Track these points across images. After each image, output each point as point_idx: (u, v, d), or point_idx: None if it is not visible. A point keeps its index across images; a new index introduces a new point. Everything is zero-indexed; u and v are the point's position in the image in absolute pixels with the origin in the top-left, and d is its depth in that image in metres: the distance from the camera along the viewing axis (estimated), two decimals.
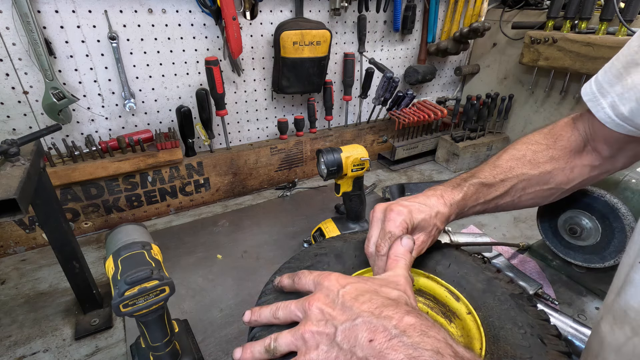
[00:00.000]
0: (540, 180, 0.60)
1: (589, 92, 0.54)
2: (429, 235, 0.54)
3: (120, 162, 1.00)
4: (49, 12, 0.87)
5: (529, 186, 0.60)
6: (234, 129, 1.27)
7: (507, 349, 0.43)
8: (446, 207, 0.56)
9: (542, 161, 0.60)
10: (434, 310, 0.55)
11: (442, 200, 0.57)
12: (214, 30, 1.08)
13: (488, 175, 0.60)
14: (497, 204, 0.60)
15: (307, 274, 0.44)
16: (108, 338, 0.74)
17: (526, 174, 0.59)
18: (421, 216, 0.53)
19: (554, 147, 0.60)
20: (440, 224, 0.55)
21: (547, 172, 0.60)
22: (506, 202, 0.61)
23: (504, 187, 0.59)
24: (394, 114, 1.40)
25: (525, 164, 0.60)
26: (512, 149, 0.63)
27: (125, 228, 0.57)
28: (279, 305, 0.42)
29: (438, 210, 0.55)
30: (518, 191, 0.60)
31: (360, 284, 0.40)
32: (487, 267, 0.57)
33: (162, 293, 0.48)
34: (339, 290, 0.38)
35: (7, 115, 0.91)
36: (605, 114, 0.51)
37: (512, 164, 0.60)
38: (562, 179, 0.61)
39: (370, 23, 1.34)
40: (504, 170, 0.60)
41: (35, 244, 1.00)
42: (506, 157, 0.61)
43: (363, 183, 0.93)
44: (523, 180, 0.59)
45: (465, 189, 0.58)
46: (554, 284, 0.86)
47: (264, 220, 1.13)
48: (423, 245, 0.54)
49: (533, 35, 1.26)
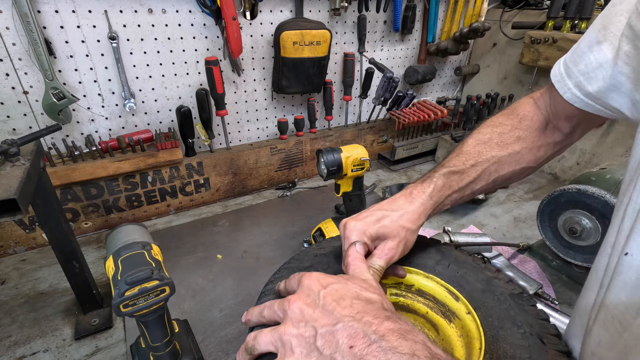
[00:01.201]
0: (510, 161, 0.60)
1: (557, 74, 0.54)
2: (398, 240, 0.52)
3: (120, 162, 1.00)
4: (49, 12, 0.87)
5: (500, 168, 0.60)
6: (234, 129, 1.27)
7: (507, 348, 0.43)
8: (414, 204, 0.55)
9: (510, 142, 0.60)
10: (433, 310, 0.55)
11: (410, 198, 0.56)
12: (214, 30, 1.08)
13: (457, 163, 0.59)
14: (473, 189, 0.60)
15: (296, 275, 0.43)
16: (108, 338, 0.74)
17: (496, 156, 0.59)
18: (377, 225, 0.52)
19: (519, 127, 0.61)
20: (412, 224, 0.53)
21: (516, 152, 0.60)
22: (481, 187, 0.61)
23: (475, 171, 0.59)
24: (394, 114, 1.40)
25: (493, 147, 0.60)
26: (477, 133, 0.63)
27: (125, 228, 0.57)
28: (266, 304, 0.42)
29: (404, 211, 0.54)
30: (492, 174, 0.60)
31: (341, 284, 0.39)
32: (486, 267, 0.57)
33: (162, 293, 0.48)
34: (319, 291, 0.38)
35: (7, 115, 0.91)
36: (573, 94, 0.51)
37: (479, 148, 0.60)
38: (531, 157, 0.61)
39: (370, 23, 1.34)
40: (472, 155, 0.60)
41: (35, 244, 1.00)
42: (472, 143, 0.61)
43: (363, 183, 0.93)
44: (494, 163, 0.59)
45: (435, 180, 0.57)
46: (554, 284, 0.86)
47: (264, 220, 1.13)
48: (391, 252, 0.51)
49: (533, 35, 1.26)
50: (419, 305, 0.57)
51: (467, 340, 0.49)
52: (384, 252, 0.51)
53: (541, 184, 1.36)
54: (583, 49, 0.50)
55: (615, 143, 1.21)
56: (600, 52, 0.47)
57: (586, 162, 1.30)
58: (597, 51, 0.47)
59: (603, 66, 0.46)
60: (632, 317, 0.36)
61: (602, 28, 0.47)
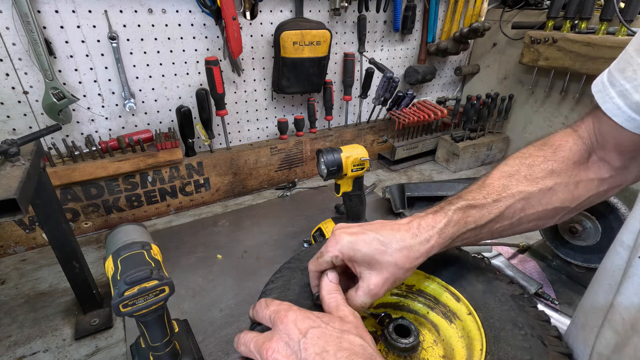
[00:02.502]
0: (541, 199, 0.50)
1: (598, 84, 0.46)
2: (385, 277, 0.45)
3: (120, 162, 1.00)
4: (49, 12, 0.87)
5: (528, 206, 0.50)
6: (234, 129, 1.27)
7: (508, 349, 0.43)
8: (418, 238, 0.47)
9: (541, 176, 0.50)
10: (434, 311, 0.55)
11: (415, 231, 0.47)
12: (214, 30, 1.08)
13: (477, 196, 0.50)
14: (492, 229, 0.51)
15: (264, 306, 0.41)
16: (108, 338, 0.74)
17: (523, 192, 0.49)
18: (365, 250, 0.45)
19: (553, 159, 0.51)
20: (408, 263, 0.46)
21: (548, 189, 0.50)
22: (503, 227, 0.51)
23: (497, 208, 0.49)
24: (394, 114, 1.40)
25: (521, 181, 0.50)
26: (504, 164, 0.54)
27: (125, 228, 0.57)
28: (242, 336, 0.40)
29: (403, 246, 0.46)
30: (517, 212, 0.50)
31: (320, 329, 0.37)
32: (487, 268, 0.57)
33: (161, 293, 0.48)
34: (300, 340, 0.35)
35: (7, 115, 0.91)
36: (614, 104, 0.43)
37: (504, 181, 0.51)
38: (566, 196, 0.50)
39: (370, 23, 1.34)
40: (495, 189, 0.50)
41: (35, 244, 1.00)
42: (497, 175, 0.52)
43: (363, 183, 0.93)
44: (521, 200, 0.49)
45: (450, 214, 0.48)
46: (554, 284, 0.86)
47: (264, 220, 1.13)
48: (376, 289, 0.45)
49: (533, 35, 1.26)
50: (420, 306, 0.57)
51: (468, 341, 0.49)
52: (369, 289, 0.45)
53: None
54: (631, 54, 0.43)
55: None
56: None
57: None
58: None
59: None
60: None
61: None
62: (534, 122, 1.44)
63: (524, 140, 1.49)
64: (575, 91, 1.25)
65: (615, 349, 0.39)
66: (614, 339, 0.39)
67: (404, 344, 0.47)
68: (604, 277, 0.43)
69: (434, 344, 0.53)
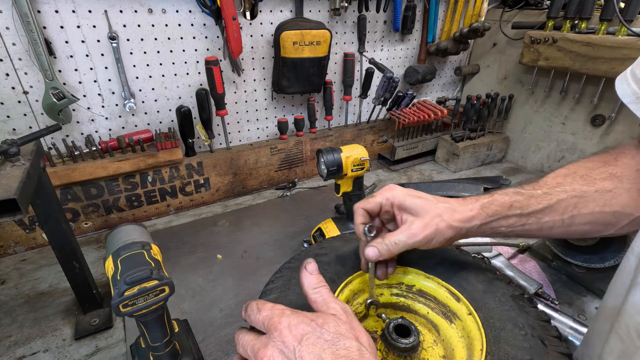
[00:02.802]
0: (598, 200, 0.47)
1: (629, 93, 0.44)
2: (425, 221, 0.48)
3: (120, 162, 1.00)
4: (49, 12, 0.87)
5: (583, 204, 0.48)
6: (234, 129, 1.27)
7: (508, 350, 0.43)
8: (464, 206, 0.49)
9: (599, 177, 0.48)
10: (434, 311, 0.55)
11: (461, 201, 0.51)
12: (214, 30, 1.08)
13: (527, 187, 0.50)
14: (540, 221, 0.49)
15: (256, 310, 0.40)
16: (108, 338, 0.74)
17: (578, 190, 0.48)
18: (416, 200, 0.49)
19: (614, 164, 0.49)
20: (452, 220, 0.48)
21: (606, 191, 0.47)
22: (554, 222, 0.49)
23: (547, 200, 0.48)
24: (394, 114, 1.40)
25: (577, 179, 0.49)
26: (562, 167, 0.53)
27: (125, 228, 0.57)
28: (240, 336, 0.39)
29: (450, 206, 0.49)
30: (569, 208, 0.48)
31: (315, 334, 0.36)
32: (487, 268, 0.57)
33: (161, 293, 0.48)
34: (295, 348, 0.35)
35: (7, 115, 0.91)
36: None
37: (559, 180, 0.50)
38: (629, 201, 0.47)
39: (370, 23, 1.34)
40: (548, 184, 0.50)
41: (35, 244, 1.00)
42: (552, 175, 0.52)
43: (363, 183, 0.93)
44: (574, 197, 0.48)
45: (495, 195, 0.50)
46: (554, 284, 0.86)
47: (264, 220, 1.13)
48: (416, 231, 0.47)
49: (533, 35, 1.26)
50: (420, 306, 0.57)
51: (468, 341, 0.49)
52: (410, 229, 0.48)
53: None
54: None
55: (615, 143, 1.20)
56: None
57: None
58: None
59: None
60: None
61: None
62: (534, 122, 1.44)
63: (524, 140, 1.49)
64: (575, 91, 1.25)
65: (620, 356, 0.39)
66: (618, 346, 0.39)
67: (404, 344, 0.46)
68: (615, 284, 0.43)
69: (434, 344, 0.53)
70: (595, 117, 1.23)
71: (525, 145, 1.49)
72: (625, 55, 1.03)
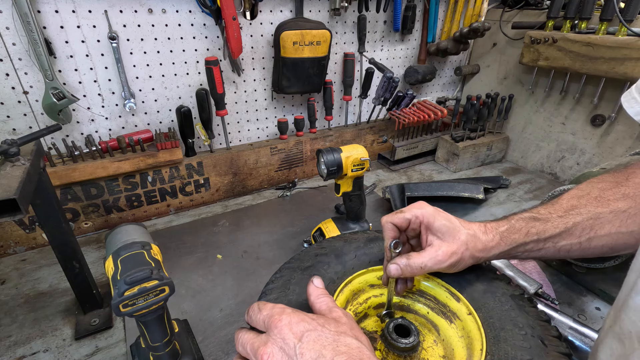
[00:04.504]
0: (614, 221, 0.49)
1: (636, 107, 0.45)
2: (453, 248, 0.49)
3: (120, 162, 1.00)
4: (49, 12, 0.87)
5: (599, 225, 0.49)
6: (234, 129, 1.27)
7: (508, 349, 0.43)
8: (485, 234, 0.50)
9: (613, 198, 0.50)
10: (434, 311, 0.55)
11: (482, 227, 0.52)
12: (214, 30, 1.08)
13: (542, 211, 0.52)
14: (556, 244, 0.50)
15: (257, 311, 0.40)
16: (108, 338, 0.74)
17: (593, 212, 0.49)
18: (444, 221, 0.50)
19: (626, 185, 0.50)
20: (473, 248, 0.49)
21: (621, 211, 0.49)
22: (570, 244, 0.50)
23: (563, 224, 0.50)
24: (394, 114, 1.40)
25: (591, 201, 0.50)
26: (575, 189, 0.54)
27: (125, 228, 0.57)
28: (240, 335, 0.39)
29: (473, 233, 0.50)
30: (585, 230, 0.49)
31: (316, 332, 0.36)
32: (487, 268, 0.57)
33: (161, 293, 0.48)
34: (295, 345, 0.35)
35: (7, 115, 0.91)
36: None
37: (574, 202, 0.51)
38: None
39: (370, 23, 1.34)
40: (563, 207, 0.51)
41: (35, 244, 1.00)
42: (566, 197, 0.53)
43: (363, 183, 0.93)
44: (590, 219, 0.49)
45: (512, 222, 0.52)
46: (554, 284, 0.86)
47: (264, 220, 1.13)
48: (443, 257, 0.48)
49: (533, 35, 1.26)
50: (420, 306, 0.57)
51: (468, 341, 0.49)
52: (437, 254, 0.49)
53: (541, 184, 1.36)
54: None
55: (615, 143, 1.21)
56: None
57: (586, 162, 1.30)
58: None
59: None
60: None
61: None
62: (534, 122, 1.44)
63: (524, 140, 1.49)
64: (575, 91, 1.25)
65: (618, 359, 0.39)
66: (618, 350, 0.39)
67: (404, 344, 0.47)
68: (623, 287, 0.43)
69: (434, 344, 0.53)
70: (595, 117, 1.23)
71: (525, 145, 1.49)
72: (625, 55, 1.03)
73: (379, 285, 0.59)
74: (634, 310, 0.37)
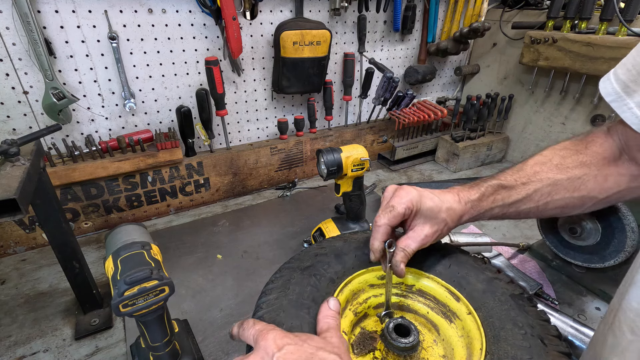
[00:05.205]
0: (569, 186, 0.55)
1: (611, 92, 0.48)
2: (435, 228, 0.53)
3: (120, 162, 1.00)
4: (49, 12, 0.87)
5: (555, 191, 0.55)
6: (234, 129, 1.27)
7: (508, 349, 0.43)
8: (460, 204, 0.55)
9: (571, 166, 0.55)
10: (434, 311, 0.55)
11: (457, 197, 0.55)
12: (214, 30, 1.08)
13: (509, 178, 0.57)
14: (518, 209, 0.57)
15: (251, 325, 0.42)
16: (108, 338, 0.74)
17: (552, 179, 0.55)
18: (430, 204, 0.53)
19: (584, 152, 0.56)
20: (451, 222, 0.54)
21: (576, 178, 0.54)
22: (529, 208, 0.56)
23: (525, 190, 0.56)
24: (394, 114, 1.40)
25: (552, 169, 0.56)
26: (539, 155, 0.59)
27: (125, 228, 0.57)
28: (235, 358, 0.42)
29: (450, 206, 0.54)
30: (543, 196, 0.55)
31: (297, 346, 0.38)
32: (487, 268, 0.57)
33: (161, 293, 0.48)
34: (274, 354, 0.37)
35: (7, 115, 0.91)
36: (633, 114, 0.46)
37: (537, 168, 0.57)
38: (594, 186, 0.55)
39: (370, 23, 1.34)
40: (527, 174, 0.57)
41: (35, 244, 1.00)
42: (531, 163, 0.58)
43: (363, 183, 0.93)
44: (549, 185, 0.55)
45: (482, 189, 0.56)
46: (554, 284, 0.86)
47: (264, 220, 1.13)
48: (426, 239, 0.53)
49: (533, 35, 1.26)
50: (420, 306, 0.57)
51: (468, 340, 0.49)
52: (420, 237, 0.52)
53: None
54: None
55: None
56: None
57: None
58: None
59: None
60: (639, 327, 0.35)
61: None
62: (534, 122, 1.44)
63: (524, 140, 1.49)
64: (575, 91, 1.25)
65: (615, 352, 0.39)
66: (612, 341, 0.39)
67: (404, 343, 0.46)
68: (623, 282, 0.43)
69: (434, 344, 0.53)
70: (595, 117, 1.23)
71: (525, 145, 1.49)
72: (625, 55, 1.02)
73: (379, 285, 0.59)
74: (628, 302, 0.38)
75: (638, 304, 0.36)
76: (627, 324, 0.37)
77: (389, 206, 0.53)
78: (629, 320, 0.37)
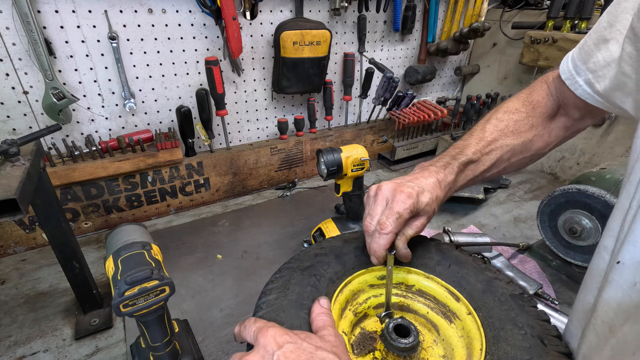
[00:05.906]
0: (523, 149, 0.63)
1: (565, 70, 0.56)
2: (427, 217, 0.57)
3: (120, 162, 1.00)
4: (49, 12, 0.87)
5: (513, 156, 0.63)
6: (234, 129, 1.27)
7: (508, 349, 0.43)
8: (442, 190, 0.59)
9: (524, 130, 0.63)
10: (434, 311, 0.55)
11: (437, 183, 0.59)
12: (214, 30, 1.08)
13: (476, 151, 0.62)
14: (483, 176, 0.64)
15: (252, 323, 0.42)
16: (108, 338, 0.74)
17: (509, 145, 0.62)
18: (425, 200, 0.56)
19: (533, 115, 0.63)
20: (437, 207, 0.59)
21: (528, 141, 0.63)
22: (492, 174, 0.64)
23: (490, 160, 0.62)
24: (394, 114, 1.40)
25: (509, 135, 0.62)
26: (495, 119, 0.65)
27: (125, 228, 0.57)
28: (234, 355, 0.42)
29: (437, 195, 0.58)
30: (503, 162, 0.63)
31: (296, 344, 0.38)
32: (487, 268, 0.57)
33: (162, 293, 0.48)
34: (274, 352, 0.37)
35: (7, 115, 0.91)
36: (584, 90, 0.53)
37: (496, 135, 0.63)
38: (541, 144, 0.64)
39: (370, 23, 1.34)
40: (489, 142, 0.63)
41: (35, 244, 1.00)
42: (490, 129, 0.64)
43: (363, 183, 0.93)
44: (508, 152, 0.62)
45: (455, 169, 0.61)
46: (554, 284, 0.86)
47: (264, 220, 1.13)
48: (422, 227, 0.57)
49: (533, 35, 1.26)
50: (420, 306, 0.57)
51: (467, 340, 0.49)
52: (417, 227, 0.56)
53: (541, 184, 1.36)
54: (591, 47, 0.51)
55: (615, 143, 1.21)
56: (607, 50, 0.48)
57: (586, 162, 1.30)
58: (604, 50, 0.48)
59: (610, 65, 0.47)
60: (620, 324, 0.36)
61: (609, 25, 0.48)
62: None
63: None
64: None
65: (595, 350, 0.40)
66: (594, 341, 0.40)
67: (403, 344, 0.46)
68: (589, 278, 0.45)
69: (433, 344, 0.53)
70: None
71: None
72: None
73: (379, 285, 0.59)
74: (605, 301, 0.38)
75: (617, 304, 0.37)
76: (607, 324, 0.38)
77: (395, 213, 0.53)
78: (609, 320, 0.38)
